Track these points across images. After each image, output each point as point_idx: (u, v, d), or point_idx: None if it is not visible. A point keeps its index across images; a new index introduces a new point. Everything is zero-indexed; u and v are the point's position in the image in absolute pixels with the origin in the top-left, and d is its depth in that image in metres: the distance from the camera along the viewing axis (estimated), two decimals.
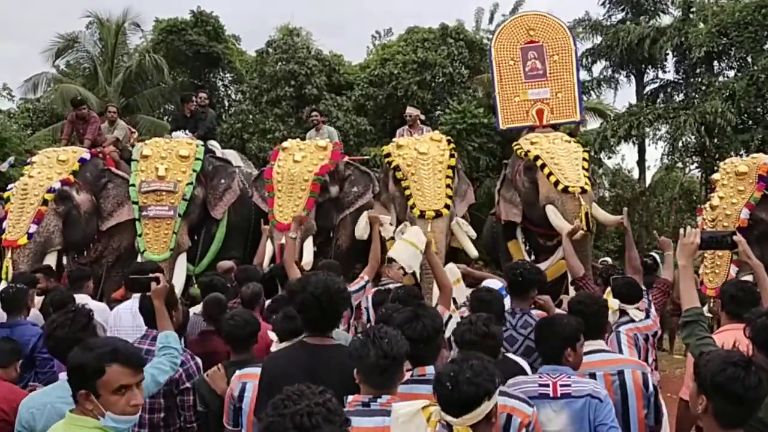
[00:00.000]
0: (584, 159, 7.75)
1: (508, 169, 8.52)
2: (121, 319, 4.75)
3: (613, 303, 4.08)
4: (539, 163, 7.60)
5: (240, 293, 4.83)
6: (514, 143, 8.41)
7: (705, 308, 3.61)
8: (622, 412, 2.89)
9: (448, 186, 7.61)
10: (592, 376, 2.88)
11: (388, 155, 8.06)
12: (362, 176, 8.56)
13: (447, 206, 7.39)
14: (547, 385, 2.64)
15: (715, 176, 7.82)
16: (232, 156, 10.02)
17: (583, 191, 7.22)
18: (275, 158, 8.06)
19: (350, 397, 2.32)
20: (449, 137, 8.66)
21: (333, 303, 2.64)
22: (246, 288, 4.70)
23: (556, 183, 7.31)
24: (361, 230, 7.27)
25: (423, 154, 7.78)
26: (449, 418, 2.05)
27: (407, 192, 7.56)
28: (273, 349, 3.34)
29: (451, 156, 7.93)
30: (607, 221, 7.79)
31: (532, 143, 7.98)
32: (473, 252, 7.58)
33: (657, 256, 9.38)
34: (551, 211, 7.31)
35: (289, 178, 7.69)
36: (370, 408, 2.27)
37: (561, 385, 2.62)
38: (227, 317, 3.59)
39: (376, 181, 8.50)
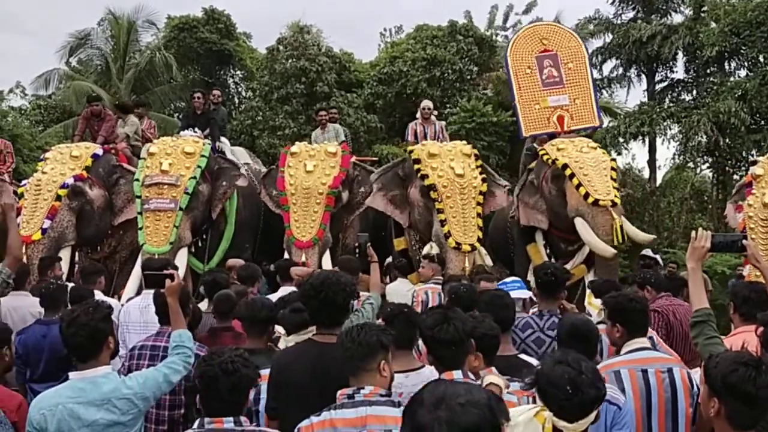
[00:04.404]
0: (612, 168, 7.67)
1: (532, 175, 8.40)
2: (129, 315, 4.80)
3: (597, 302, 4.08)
4: (568, 172, 7.50)
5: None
6: (540, 149, 8.33)
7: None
8: (672, 410, 2.85)
9: (478, 215, 7.70)
10: (644, 372, 2.84)
11: (418, 161, 8.01)
12: (369, 177, 8.58)
13: (479, 239, 7.53)
14: None
15: (757, 171, 7.25)
16: (241, 153, 10.01)
17: (614, 204, 7.16)
18: (284, 163, 8.06)
19: (339, 391, 2.38)
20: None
21: (330, 293, 2.69)
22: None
23: (586, 195, 7.21)
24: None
25: (459, 177, 7.74)
26: (563, 424, 2.00)
27: (441, 216, 7.57)
28: (281, 342, 3.37)
29: (483, 181, 7.94)
30: (639, 239, 7.62)
31: (558, 149, 7.90)
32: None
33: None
34: (580, 224, 7.25)
35: (304, 192, 7.70)
36: (354, 399, 2.32)
37: None
38: (244, 301, 3.68)
39: None
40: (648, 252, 9.33)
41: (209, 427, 2.20)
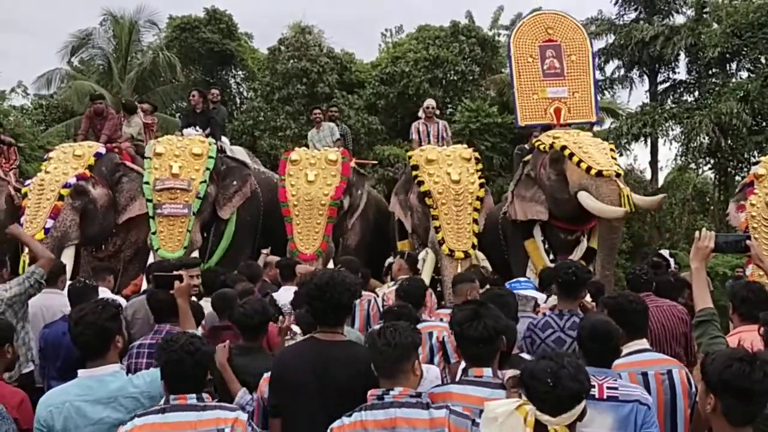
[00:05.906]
0: (611, 149, 7.71)
1: (528, 168, 8.39)
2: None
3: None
4: (567, 152, 7.49)
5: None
6: (535, 140, 8.36)
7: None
8: (671, 411, 2.85)
9: (474, 221, 7.67)
10: (644, 375, 2.84)
11: (416, 167, 8.03)
12: (360, 179, 8.77)
13: (474, 245, 7.52)
14: (593, 386, 2.48)
15: (760, 170, 7.23)
16: (240, 153, 10.02)
17: (618, 175, 7.17)
18: (284, 170, 8.08)
19: (369, 391, 2.37)
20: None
21: (335, 293, 2.67)
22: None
23: (588, 169, 7.20)
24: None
25: (455, 183, 7.74)
26: (546, 418, 2.00)
27: (435, 223, 7.61)
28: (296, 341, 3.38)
29: (481, 186, 7.91)
30: (646, 204, 7.63)
31: (555, 137, 7.91)
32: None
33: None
34: (585, 197, 7.17)
35: (306, 203, 7.73)
36: (383, 400, 2.31)
37: (608, 388, 2.54)
38: (239, 305, 3.66)
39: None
40: (665, 252, 9.31)
41: (174, 403, 2.35)
